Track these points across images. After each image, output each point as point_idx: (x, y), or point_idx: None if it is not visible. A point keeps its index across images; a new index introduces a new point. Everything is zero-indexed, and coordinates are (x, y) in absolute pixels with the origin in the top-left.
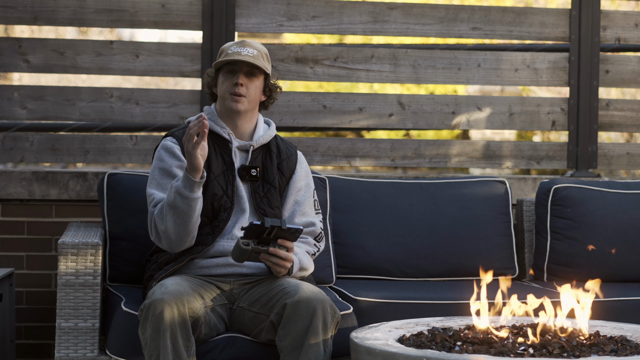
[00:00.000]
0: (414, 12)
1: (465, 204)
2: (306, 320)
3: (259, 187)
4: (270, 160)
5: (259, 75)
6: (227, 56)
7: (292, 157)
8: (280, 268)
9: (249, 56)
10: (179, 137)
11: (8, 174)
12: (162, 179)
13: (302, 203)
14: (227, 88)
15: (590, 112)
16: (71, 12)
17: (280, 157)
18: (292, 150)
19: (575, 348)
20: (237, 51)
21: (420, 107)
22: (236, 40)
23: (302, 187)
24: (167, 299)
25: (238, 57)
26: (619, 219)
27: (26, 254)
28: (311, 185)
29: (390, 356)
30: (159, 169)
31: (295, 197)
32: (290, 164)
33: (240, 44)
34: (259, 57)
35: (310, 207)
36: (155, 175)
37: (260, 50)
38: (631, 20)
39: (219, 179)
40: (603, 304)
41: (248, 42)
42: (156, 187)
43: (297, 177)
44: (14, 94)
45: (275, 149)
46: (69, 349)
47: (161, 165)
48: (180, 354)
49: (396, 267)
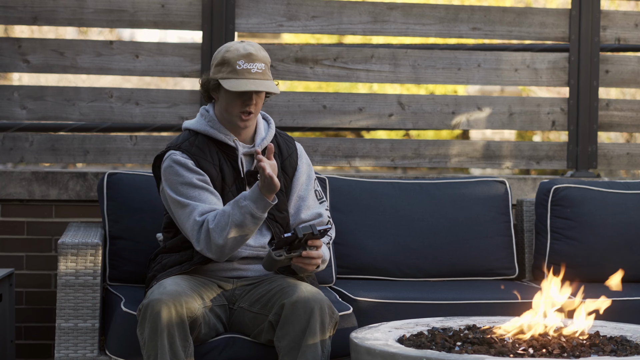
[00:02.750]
0: (413, 12)
1: (465, 204)
2: (304, 320)
3: None
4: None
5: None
6: (234, 72)
7: (293, 154)
8: (312, 267)
9: (258, 73)
10: (187, 150)
11: (8, 174)
12: (189, 191)
13: (306, 197)
14: (236, 108)
15: (590, 112)
16: (71, 12)
17: (282, 157)
18: (292, 146)
19: (575, 348)
20: (246, 68)
21: (420, 107)
22: (238, 42)
23: (304, 182)
24: (165, 299)
25: (250, 78)
26: (619, 219)
27: (26, 254)
28: (312, 176)
29: (390, 356)
30: (182, 184)
31: (299, 192)
32: (292, 162)
33: (248, 58)
34: (266, 71)
35: (313, 199)
36: (181, 190)
37: (266, 60)
38: (631, 20)
39: (233, 189)
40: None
41: (254, 53)
42: (188, 201)
43: (299, 172)
44: (13, 94)
45: (277, 149)
46: (69, 349)
47: (181, 180)
48: (178, 354)
49: (396, 267)
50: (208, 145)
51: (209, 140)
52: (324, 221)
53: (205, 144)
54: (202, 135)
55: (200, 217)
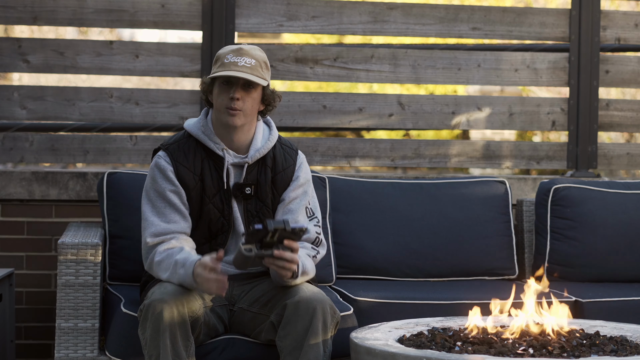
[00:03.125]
0: (413, 12)
1: (465, 204)
2: (306, 320)
3: (251, 206)
4: (265, 175)
5: (257, 86)
6: (222, 66)
7: (289, 169)
8: (286, 271)
9: (246, 67)
10: (172, 153)
11: (8, 174)
12: (157, 201)
13: (295, 211)
14: (223, 102)
15: (590, 112)
16: (71, 12)
17: (275, 171)
18: (291, 160)
19: (575, 348)
20: (233, 61)
21: (420, 107)
22: (234, 44)
23: (298, 196)
24: (167, 299)
25: (235, 70)
26: (619, 219)
27: (26, 254)
28: (308, 193)
29: (390, 356)
30: (154, 191)
31: (289, 205)
32: (285, 177)
33: (238, 52)
34: (257, 67)
35: (303, 215)
36: (151, 195)
37: (258, 58)
38: (631, 20)
39: (215, 200)
40: (603, 304)
41: (246, 49)
42: (151, 210)
43: (294, 185)
44: (13, 94)
45: (271, 162)
46: (69, 349)
47: (155, 187)
48: (180, 354)
49: (396, 267)
50: (195, 151)
51: (198, 145)
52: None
53: (193, 149)
54: (193, 139)
55: (151, 238)
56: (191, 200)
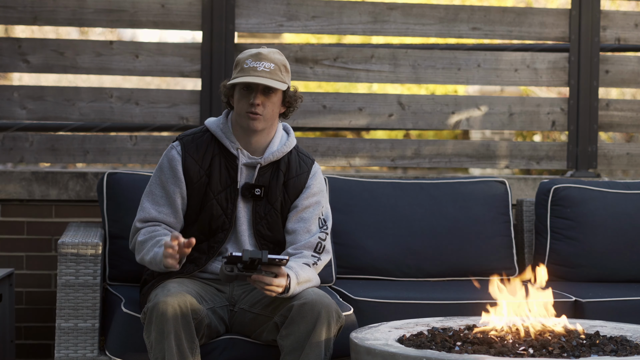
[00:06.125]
0: (413, 12)
1: (465, 204)
2: (310, 322)
3: (260, 207)
4: (277, 178)
5: (277, 90)
6: (242, 71)
7: (302, 176)
8: (269, 292)
9: (265, 72)
10: (185, 144)
11: (8, 174)
12: (156, 188)
13: (308, 220)
14: (244, 107)
15: (590, 112)
16: (71, 12)
17: (289, 175)
18: (306, 167)
19: (575, 348)
20: (253, 66)
21: (420, 107)
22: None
23: (311, 204)
24: (170, 301)
25: (254, 75)
26: (619, 219)
27: (26, 254)
28: (321, 202)
29: (390, 356)
30: (158, 178)
31: (302, 213)
32: (298, 183)
33: (257, 57)
34: (276, 71)
35: (315, 225)
36: (154, 181)
37: (277, 61)
38: (631, 20)
39: (220, 197)
40: (603, 304)
41: (264, 54)
42: (149, 198)
43: (306, 193)
44: (13, 94)
45: (285, 166)
46: (69, 349)
47: (160, 175)
48: (185, 356)
49: (396, 267)
50: (208, 146)
51: (213, 141)
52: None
53: (207, 143)
54: (211, 135)
55: (140, 223)
56: (193, 193)
